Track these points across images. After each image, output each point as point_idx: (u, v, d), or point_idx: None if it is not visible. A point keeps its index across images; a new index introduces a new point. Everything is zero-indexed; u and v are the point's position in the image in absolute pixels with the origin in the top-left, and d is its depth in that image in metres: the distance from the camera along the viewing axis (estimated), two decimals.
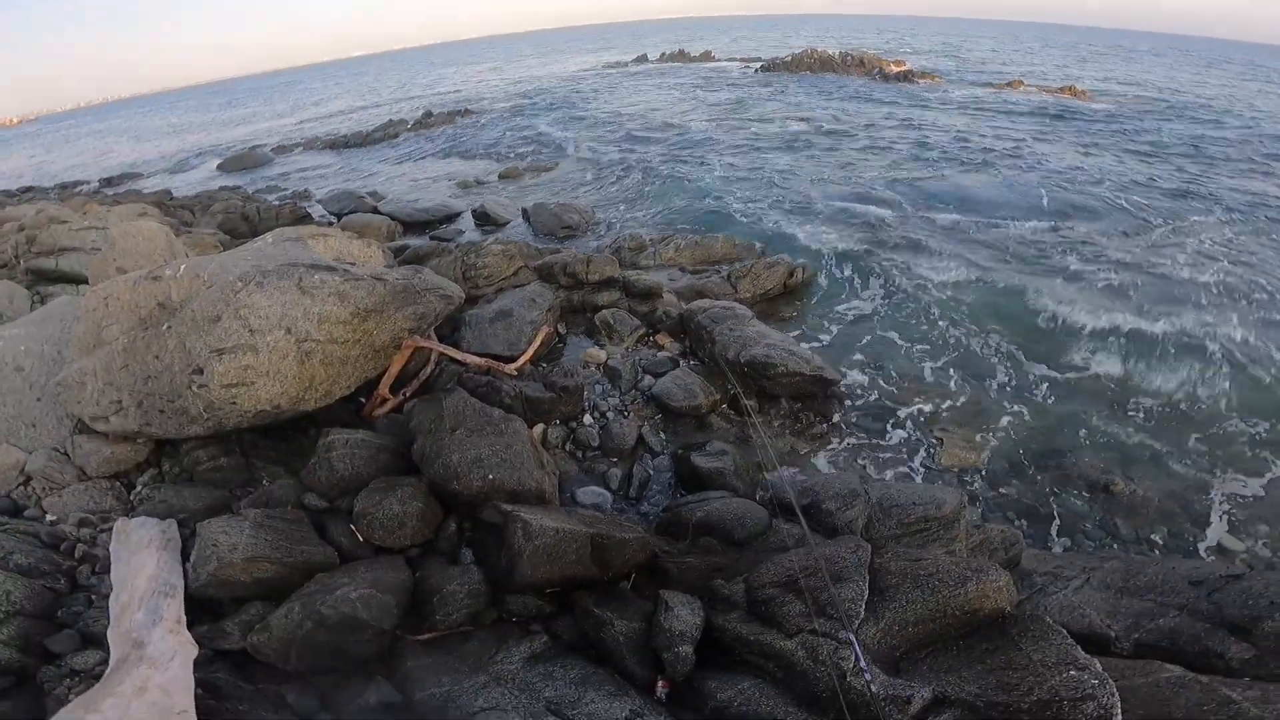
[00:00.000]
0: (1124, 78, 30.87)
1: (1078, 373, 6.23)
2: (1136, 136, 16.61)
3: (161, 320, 3.94)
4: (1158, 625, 3.09)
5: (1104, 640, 3.06)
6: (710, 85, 28.29)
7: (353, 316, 4.06)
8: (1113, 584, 3.44)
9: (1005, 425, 5.51)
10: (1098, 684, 2.22)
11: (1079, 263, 8.50)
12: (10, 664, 2.92)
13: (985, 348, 6.57)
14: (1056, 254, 8.80)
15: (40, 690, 2.88)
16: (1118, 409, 5.73)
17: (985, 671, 2.45)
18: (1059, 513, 4.72)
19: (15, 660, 2.92)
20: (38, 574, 3.39)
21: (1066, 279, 8.02)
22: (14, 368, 4.79)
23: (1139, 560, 3.81)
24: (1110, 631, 3.09)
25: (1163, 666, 2.65)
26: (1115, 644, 3.04)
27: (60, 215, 8.12)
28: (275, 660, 2.99)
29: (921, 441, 5.35)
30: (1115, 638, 3.06)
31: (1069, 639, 2.47)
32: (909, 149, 14.46)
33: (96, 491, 4.16)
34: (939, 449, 5.24)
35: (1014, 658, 2.45)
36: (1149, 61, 43.29)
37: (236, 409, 3.81)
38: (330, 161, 19.05)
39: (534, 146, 17.48)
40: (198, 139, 30.71)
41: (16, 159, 35.06)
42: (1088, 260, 8.56)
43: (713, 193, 11.64)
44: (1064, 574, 3.71)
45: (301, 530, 3.60)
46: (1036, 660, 2.40)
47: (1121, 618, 3.16)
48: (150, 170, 22.12)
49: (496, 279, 6.65)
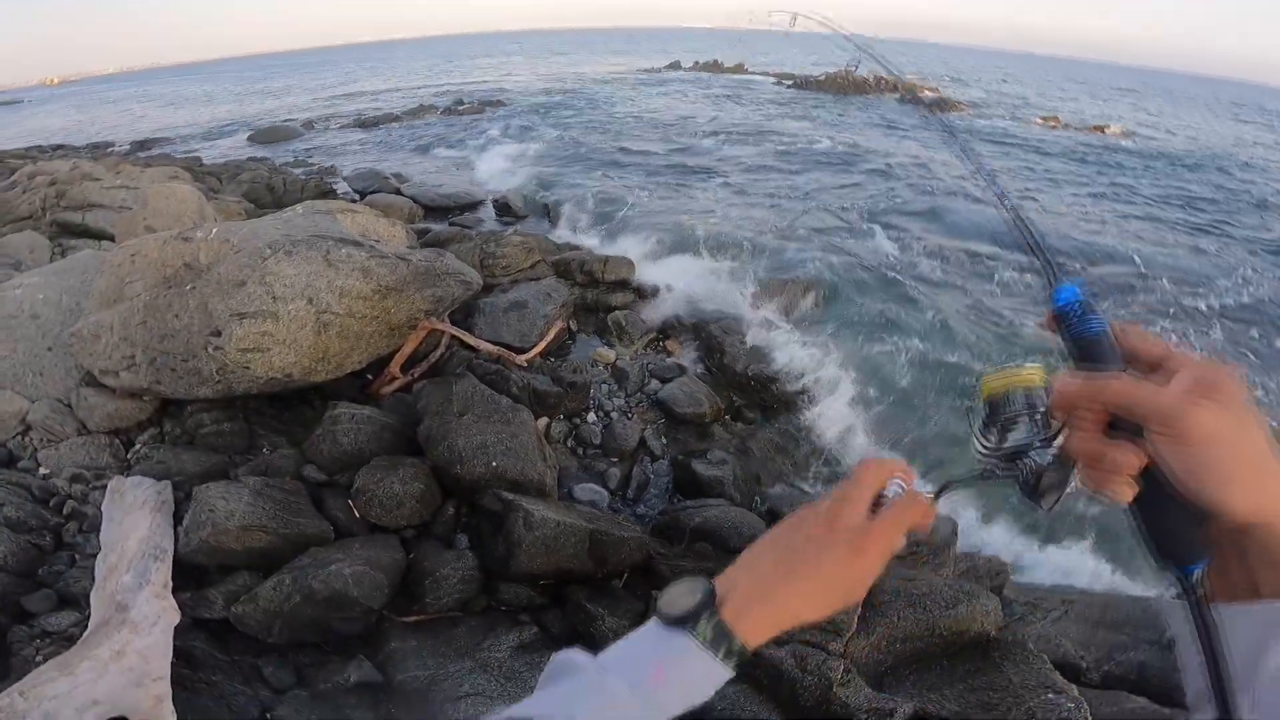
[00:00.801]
0: (1168, 123, 30.61)
1: None
2: (1162, 181, 16.49)
3: (186, 280, 3.98)
4: (1128, 658, 3.17)
5: (1075, 669, 3.12)
6: (738, 98, 28.36)
7: (374, 293, 4.09)
8: (1090, 617, 3.49)
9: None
10: (1073, 707, 2.34)
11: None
12: None
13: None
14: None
15: (8, 650, 2.84)
16: None
17: (966, 690, 2.55)
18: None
19: None
20: (24, 529, 3.37)
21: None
22: (30, 315, 4.82)
23: (1118, 597, 3.88)
24: (1082, 662, 3.16)
25: (1129, 697, 2.78)
26: (1085, 674, 3.11)
27: (93, 173, 8.22)
28: (257, 632, 2.98)
29: (915, 468, 5.32)
30: (1086, 668, 3.13)
31: (1048, 664, 2.61)
32: (915, 180, 14.42)
33: (94, 447, 4.14)
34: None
35: (995, 679, 2.56)
36: (1190, 105, 42.94)
37: (249, 374, 3.84)
38: (358, 140, 19.19)
39: (558, 143, 17.57)
40: (231, 109, 31.02)
41: (54, 117, 35.52)
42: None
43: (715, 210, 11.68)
44: (1044, 605, 3.79)
45: (299, 502, 3.61)
46: (1016, 682, 2.51)
47: (1095, 649, 3.24)
48: (182, 136, 22.35)
49: (514, 270, 6.69)
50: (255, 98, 36.70)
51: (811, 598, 0.64)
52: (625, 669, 0.63)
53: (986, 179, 0.84)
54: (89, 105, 41.68)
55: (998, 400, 0.58)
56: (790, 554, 0.66)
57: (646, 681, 0.62)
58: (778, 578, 0.65)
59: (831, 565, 0.64)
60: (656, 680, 0.62)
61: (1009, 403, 0.57)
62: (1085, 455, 0.54)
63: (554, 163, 15.18)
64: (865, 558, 0.64)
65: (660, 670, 0.62)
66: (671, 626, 0.64)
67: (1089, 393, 0.53)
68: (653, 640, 0.65)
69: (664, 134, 19.11)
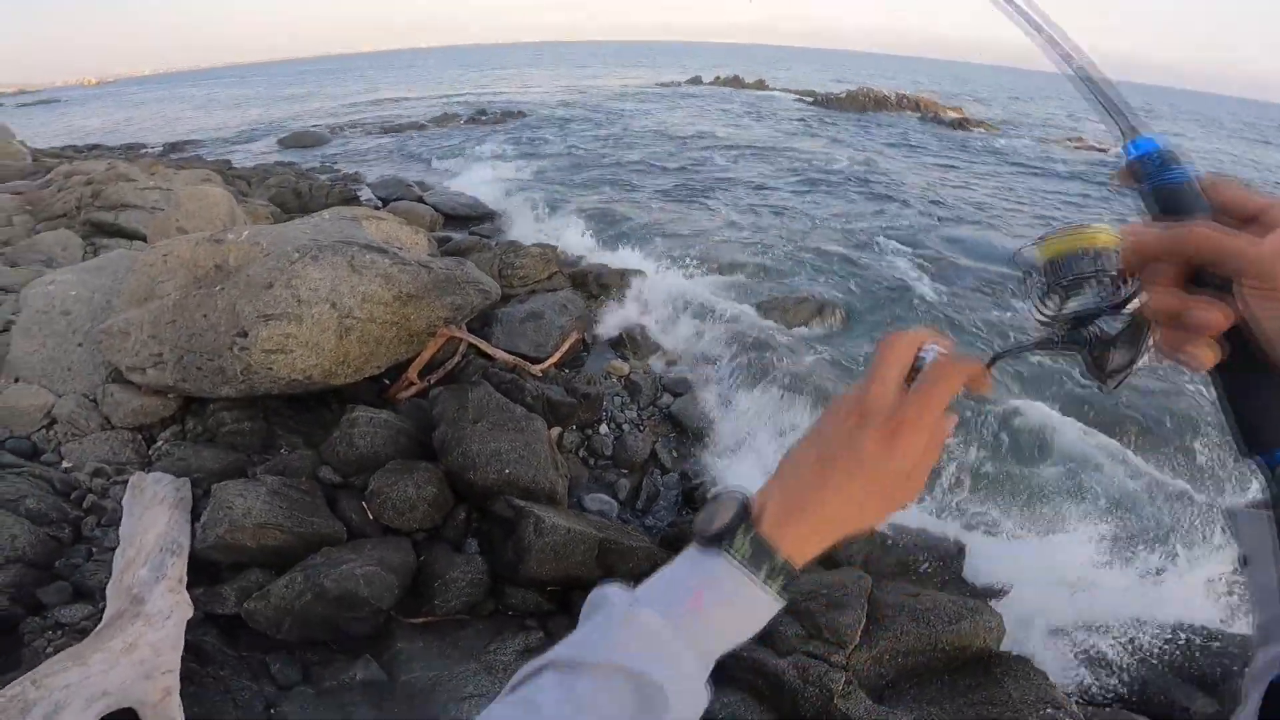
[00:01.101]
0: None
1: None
2: None
3: (216, 281, 4.10)
4: (1129, 676, 3.20)
5: (1076, 687, 3.15)
6: (758, 114, 28.46)
7: (395, 299, 4.19)
8: None
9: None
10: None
11: None
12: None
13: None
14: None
15: (20, 641, 2.89)
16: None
17: (966, 705, 2.59)
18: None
19: (4, 608, 2.93)
20: (45, 521, 3.44)
21: None
22: (61, 311, 4.96)
23: (1119, 615, 3.84)
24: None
25: (1130, 715, 2.82)
26: (1086, 691, 3.12)
27: (129, 173, 8.45)
28: (267, 628, 3.04)
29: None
30: (1087, 685, 3.14)
31: (1049, 680, 2.64)
32: (932, 204, 14.35)
33: (117, 442, 4.24)
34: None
35: (995, 694, 2.59)
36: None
37: (271, 375, 3.94)
38: (382, 147, 19.50)
39: (576, 155, 17.75)
40: (260, 114, 31.64)
41: (90, 118, 36.43)
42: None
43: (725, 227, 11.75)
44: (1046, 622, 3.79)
45: (314, 502, 3.69)
46: (1016, 698, 2.54)
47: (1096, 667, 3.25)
48: (213, 139, 22.86)
49: (531, 280, 6.78)
50: (284, 103, 37.42)
51: (851, 501, 0.56)
52: (659, 599, 0.56)
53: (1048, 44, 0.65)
54: (124, 106, 42.70)
55: (1060, 261, 0.51)
56: (826, 450, 0.57)
57: (682, 611, 0.54)
58: (815, 481, 0.57)
59: (868, 458, 0.55)
60: (693, 608, 0.54)
61: (1073, 263, 0.50)
62: (1164, 312, 0.46)
63: (569, 177, 15.34)
64: (903, 440, 0.54)
65: (697, 596, 0.55)
66: (707, 547, 0.57)
67: (1170, 240, 0.45)
68: (689, 565, 0.57)
69: (680, 149, 19.25)
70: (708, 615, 0.54)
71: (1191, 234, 0.44)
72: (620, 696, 0.50)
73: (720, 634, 0.55)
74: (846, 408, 0.58)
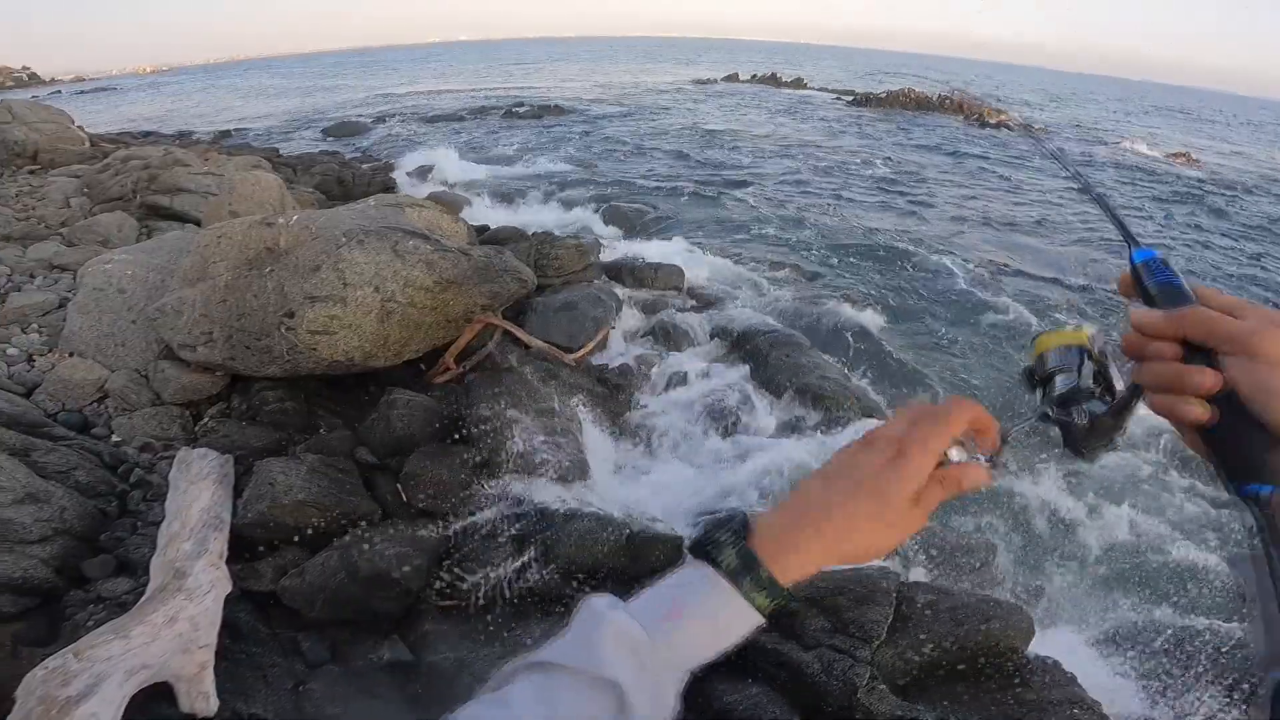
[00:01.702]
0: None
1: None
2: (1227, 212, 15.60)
3: (266, 263, 4.24)
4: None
5: (1105, 689, 3.07)
6: (794, 113, 28.13)
7: (435, 284, 4.28)
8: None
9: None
10: None
11: None
12: (42, 584, 2.92)
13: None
14: None
15: (61, 614, 2.91)
16: None
17: (992, 705, 2.55)
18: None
19: (48, 580, 2.93)
20: (93, 494, 3.49)
21: None
22: (117, 289, 5.16)
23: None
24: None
25: None
26: (1116, 694, 3.03)
27: (184, 159, 8.74)
28: (301, 606, 3.10)
29: None
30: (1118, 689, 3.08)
31: (1077, 681, 2.59)
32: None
33: (166, 418, 4.36)
34: None
35: (1022, 695, 2.56)
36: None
37: (315, 355, 4.05)
38: (422, 136, 19.81)
39: (612, 150, 17.81)
40: (305, 103, 32.35)
41: (146, 105, 37.63)
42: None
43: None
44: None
45: (351, 481, 3.78)
46: (1043, 699, 2.51)
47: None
48: (261, 128, 23.45)
49: (566, 271, 6.84)
50: (328, 93, 38.21)
51: (850, 521, 0.57)
52: (641, 608, 0.57)
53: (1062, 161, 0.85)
54: (177, 95, 43.98)
55: (1042, 355, 0.63)
56: (829, 471, 0.60)
57: (660, 619, 0.56)
58: (815, 500, 0.59)
59: (869, 478, 0.57)
60: (671, 616, 0.56)
61: (1058, 355, 0.62)
62: (1162, 379, 0.55)
63: (603, 171, 15.41)
64: (908, 463, 0.57)
65: (677, 605, 0.56)
66: (696, 558, 0.59)
67: (1170, 320, 0.55)
68: (675, 576, 0.59)
69: (714, 145, 19.17)
70: (686, 624, 0.56)
71: (1189, 315, 0.54)
72: (591, 700, 0.52)
73: (696, 644, 0.56)
74: (879, 454, 0.59)
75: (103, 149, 12.65)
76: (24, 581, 2.88)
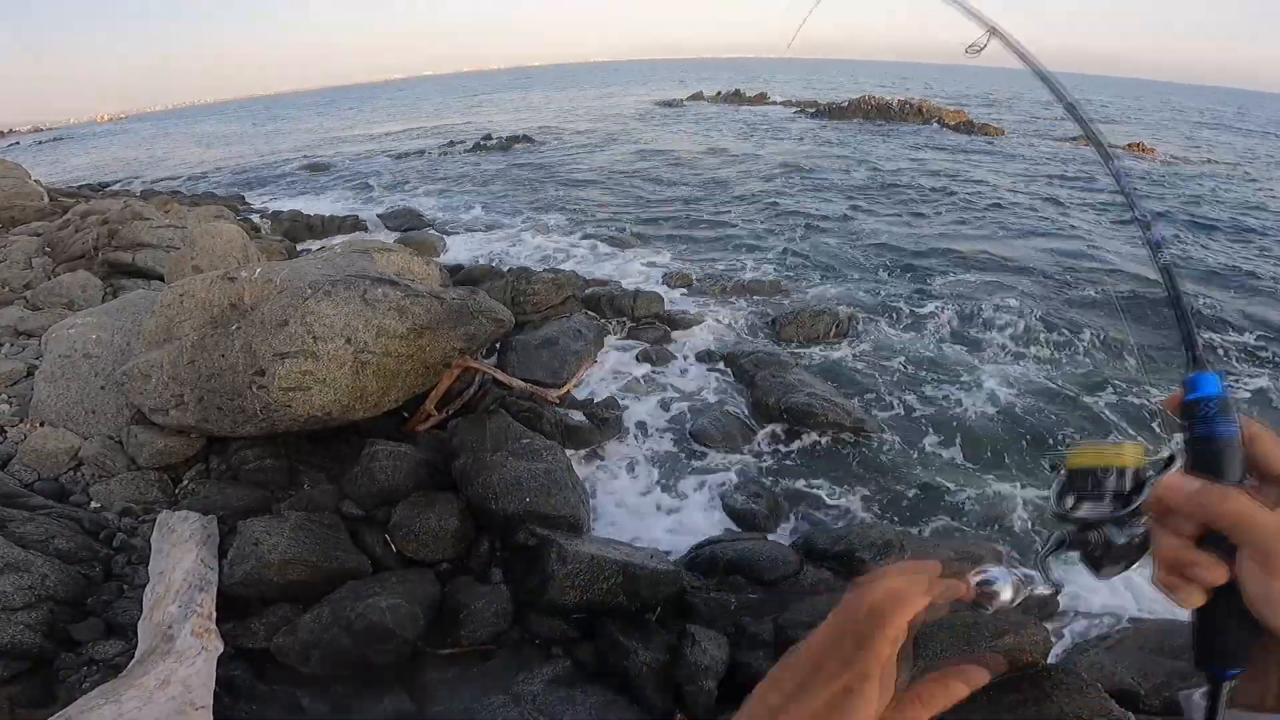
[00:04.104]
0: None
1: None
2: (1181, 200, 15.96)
3: (231, 320, 4.14)
4: (1190, 684, 3.00)
5: (1132, 696, 3.04)
6: (759, 129, 28.47)
7: (409, 332, 4.21)
8: (1146, 644, 3.40)
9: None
10: None
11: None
12: (31, 648, 2.95)
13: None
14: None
15: (55, 677, 2.92)
16: None
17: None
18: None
19: (37, 645, 2.96)
20: (75, 560, 3.47)
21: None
22: (83, 354, 5.03)
23: (1175, 623, 3.70)
24: (1140, 689, 3.07)
25: None
26: (1143, 700, 3.01)
27: (143, 212, 8.59)
28: (296, 663, 3.05)
29: (950, 500, 5.22)
30: (1144, 694, 3.04)
31: (1104, 693, 2.53)
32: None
33: (144, 482, 4.29)
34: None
35: (1045, 709, 2.50)
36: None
37: (290, 412, 3.95)
38: (391, 176, 19.74)
39: (584, 178, 17.91)
40: (270, 146, 32.18)
41: (103, 153, 37.20)
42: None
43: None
44: (1098, 633, 3.72)
45: (338, 536, 3.70)
46: (1069, 712, 2.45)
47: (1153, 676, 3.13)
48: (226, 172, 23.24)
49: (544, 306, 6.81)
50: (290, 135, 38.04)
51: None
52: None
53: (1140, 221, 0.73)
54: (135, 143, 43.53)
55: (1084, 471, 0.57)
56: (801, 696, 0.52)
57: None
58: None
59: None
60: None
61: (1094, 476, 0.56)
62: (1171, 560, 0.51)
63: (576, 200, 15.45)
64: (854, 701, 0.51)
65: None
66: None
67: (1197, 503, 0.50)
68: None
69: (685, 165, 19.37)
70: None
71: (1223, 505, 0.49)
72: None
73: None
74: (839, 666, 0.52)
75: (62, 203, 12.44)
76: (12, 647, 2.92)
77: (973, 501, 5.23)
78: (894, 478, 5.47)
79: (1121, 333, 8.20)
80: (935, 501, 5.23)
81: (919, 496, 5.27)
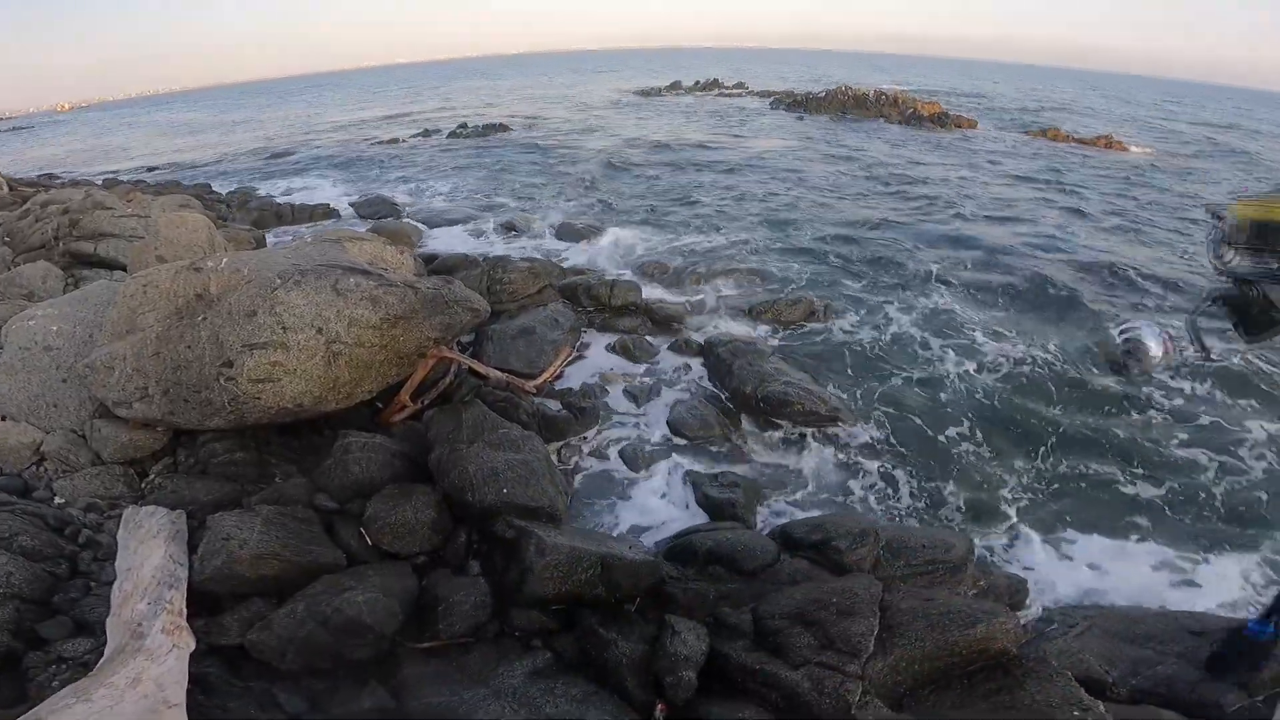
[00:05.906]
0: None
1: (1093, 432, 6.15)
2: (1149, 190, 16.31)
3: (198, 311, 4.03)
4: (1155, 672, 3.09)
5: (1100, 685, 3.07)
6: (737, 119, 28.51)
7: (382, 322, 4.13)
8: (1114, 631, 3.44)
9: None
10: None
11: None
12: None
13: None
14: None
15: (24, 676, 2.84)
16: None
17: (988, 710, 2.52)
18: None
19: (4, 644, 2.89)
20: (40, 557, 3.38)
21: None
22: (44, 347, 4.87)
23: (1141, 610, 3.84)
24: (1108, 677, 3.11)
25: (1158, 712, 2.75)
26: (1111, 689, 3.05)
27: (105, 201, 8.33)
28: (271, 659, 2.99)
29: (924, 488, 5.30)
30: (1112, 683, 3.07)
31: (1073, 681, 2.56)
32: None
33: (109, 477, 4.18)
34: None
35: (1018, 697, 2.52)
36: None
37: (260, 404, 3.87)
38: (364, 164, 19.41)
39: (560, 168, 17.76)
40: (235, 135, 31.43)
41: (61, 145, 36.05)
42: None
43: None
44: (1066, 620, 3.77)
45: (311, 530, 3.63)
46: (1040, 701, 2.47)
47: (1120, 664, 3.18)
48: (192, 162, 22.66)
49: (520, 295, 6.75)
50: (259, 124, 37.17)
51: None
52: None
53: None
54: (96, 132, 42.28)
55: (1263, 224, 0.52)
56: None
57: None
58: None
59: None
60: None
61: (1264, 230, 0.51)
62: None
63: (552, 189, 15.34)
64: None
65: None
66: None
67: None
68: None
69: (664, 155, 19.32)
70: None
71: None
72: None
73: None
74: None
75: (21, 193, 12.03)
76: None
77: (951, 486, 5.32)
78: (871, 465, 5.54)
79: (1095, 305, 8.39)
80: (913, 488, 5.31)
81: (896, 483, 5.34)
